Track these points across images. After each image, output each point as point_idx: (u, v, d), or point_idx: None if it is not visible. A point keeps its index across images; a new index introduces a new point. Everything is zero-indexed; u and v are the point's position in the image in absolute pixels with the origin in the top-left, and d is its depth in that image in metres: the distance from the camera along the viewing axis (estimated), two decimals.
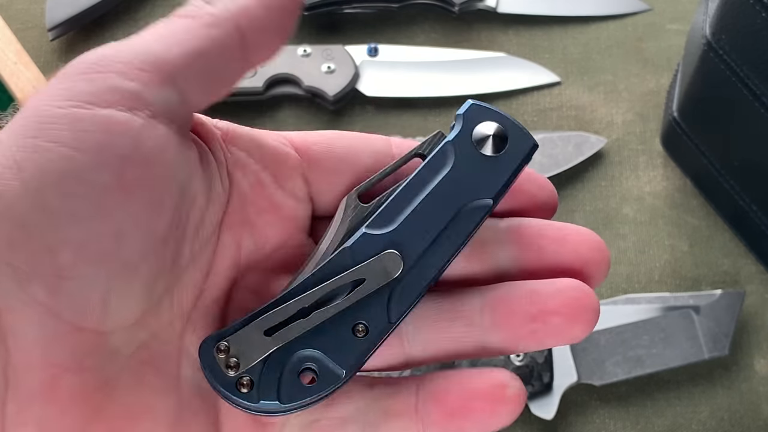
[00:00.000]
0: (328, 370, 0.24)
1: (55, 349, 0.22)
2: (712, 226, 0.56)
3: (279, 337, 0.24)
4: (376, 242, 0.25)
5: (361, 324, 0.25)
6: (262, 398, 0.24)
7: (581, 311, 0.25)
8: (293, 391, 0.24)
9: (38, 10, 0.61)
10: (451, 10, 0.61)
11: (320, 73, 0.58)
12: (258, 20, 0.24)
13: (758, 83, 0.45)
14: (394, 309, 0.25)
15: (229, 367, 0.24)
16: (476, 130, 0.27)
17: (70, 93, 0.22)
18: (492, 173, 0.26)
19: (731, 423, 0.51)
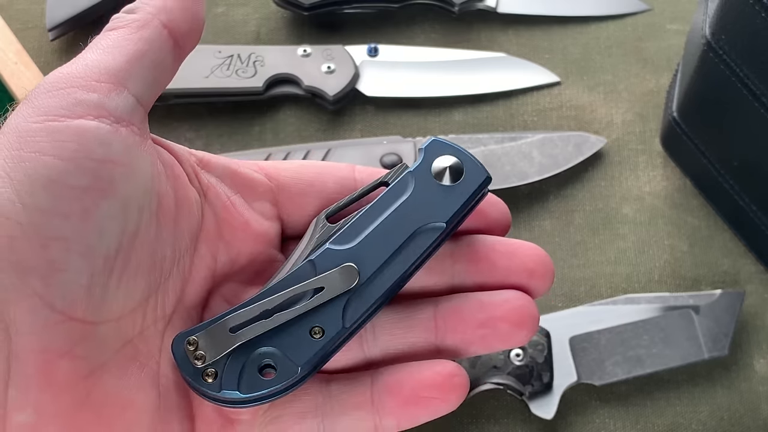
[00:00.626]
0: (286, 366, 0.27)
1: (50, 337, 0.24)
2: (711, 226, 0.56)
3: (242, 334, 0.27)
4: (337, 257, 0.28)
5: (318, 327, 0.28)
6: (224, 388, 0.27)
7: (525, 318, 0.29)
8: (253, 382, 0.27)
9: (38, 10, 0.61)
10: (451, 10, 0.61)
11: (320, 73, 0.58)
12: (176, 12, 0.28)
13: (758, 83, 0.45)
14: (349, 316, 0.28)
15: (196, 359, 0.27)
16: (435, 162, 0.30)
17: (43, 109, 0.25)
18: (447, 200, 0.29)
19: (731, 423, 0.51)
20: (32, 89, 0.26)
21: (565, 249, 0.55)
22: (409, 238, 0.29)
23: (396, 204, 0.29)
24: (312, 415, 0.28)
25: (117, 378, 0.26)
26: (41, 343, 0.24)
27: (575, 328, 0.51)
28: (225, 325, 0.27)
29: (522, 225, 0.56)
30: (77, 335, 0.25)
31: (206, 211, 0.29)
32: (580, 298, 0.54)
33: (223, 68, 0.58)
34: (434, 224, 0.29)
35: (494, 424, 0.50)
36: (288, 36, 0.62)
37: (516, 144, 0.57)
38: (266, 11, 0.63)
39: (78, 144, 0.25)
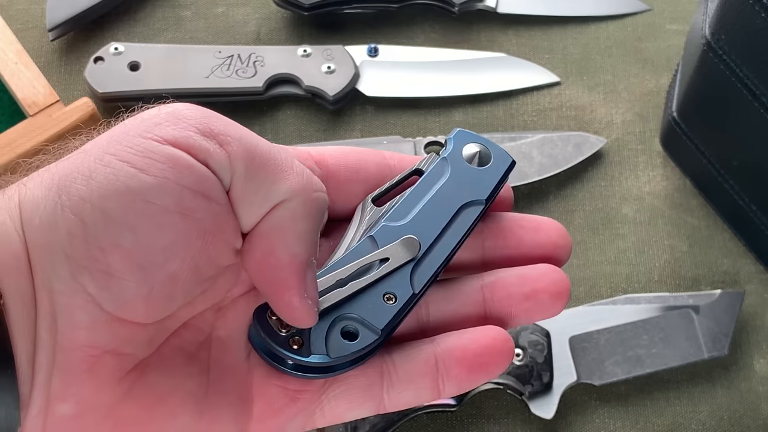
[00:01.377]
0: (367, 330, 0.29)
1: (97, 334, 0.25)
2: (711, 225, 0.56)
3: (323, 301, 0.29)
4: (394, 231, 0.31)
5: (390, 293, 0.30)
6: (314, 352, 0.28)
7: (563, 289, 0.32)
8: (339, 346, 0.28)
9: (38, 10, 0.61)
10: (451, 10, 0.61)
11: (320, 73, 0.58)
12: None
13: (758, 83, 0.45)
14: (416, 282, 0.30)
15: (282, 328, 0.28)
16: (465, 149, 0.33)
17: (156, 130, 0.26)
18: (482, 180, 0.33)
19: (731, 423, 0.51)
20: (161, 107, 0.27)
21: None
22: (456, 213, 0.32)
23: (438, 185, 0.32)
24: (378, 386, 0.29)
25: (161, 369, 0.27)
26: (88, 339, 0.24)
27: (575, 328, 0.51)
28: None
29: None
30: (125, 335, 0.25)
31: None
32: (580, 298, 0.54)
33: (223, 68, 0.58)
34: (476, 200, 0.32)
35: (494, 424, 0.50)
36: (288, 36, 0.62)
37: (516, 144, 0.57)
38: (266, 11, 0.63)
39: (169, 167, 0.25)
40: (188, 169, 0.25)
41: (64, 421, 0.25)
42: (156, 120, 0.26)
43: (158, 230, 0.25)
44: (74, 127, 0.51)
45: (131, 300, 0.25)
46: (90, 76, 0.57)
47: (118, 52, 0.57)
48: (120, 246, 0.24)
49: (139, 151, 0.25)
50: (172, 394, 0.27)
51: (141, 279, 0.25)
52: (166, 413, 0.26)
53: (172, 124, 0.26)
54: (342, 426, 0.47)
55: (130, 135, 0.26)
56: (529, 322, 0.32)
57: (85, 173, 0.25)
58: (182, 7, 0.63)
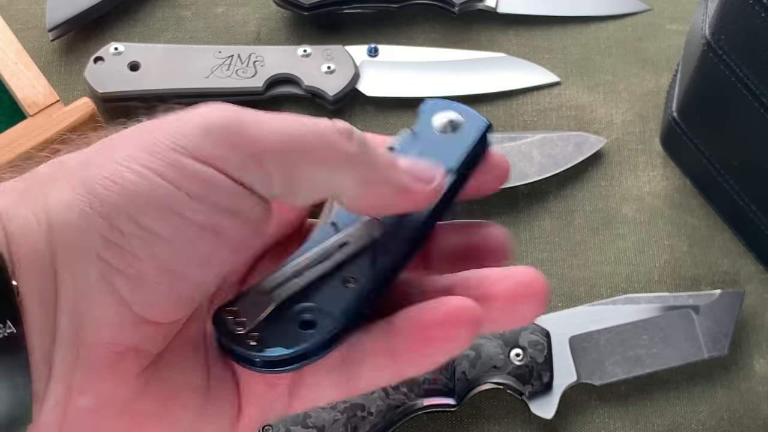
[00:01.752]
0: (325, 318, 0.27)
1: (122, 333, 0.25)
2: (711, 226, 0.56)
3: (277, 295, 0.28)
4: (355, 216, 0.29)
5: (351, 278, 0.28)
6: (269, 347, 0.27)
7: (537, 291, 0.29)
8: (295, 338, 0.27)
9: (38, 10, 0.61)
10: (451, 10, 0.61)
11: (320, 73, 0.58)
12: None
13: (758, 83, 0.45)
14: (379, 263, 0.28)
15: (237, 325, 0.27)
16: (434, 119, 0.31)
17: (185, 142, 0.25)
18: (453, 149, 0.31)
19: (731, 423, 0.51)
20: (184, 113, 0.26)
21: (565, 249, 0.55)
22: None
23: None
24: (338, 369, 0.29)
25: (174, 364, 0.27)
26: (112, 337, 0.25)
27: (575, 328, 0.51)
28: (261, 289, 0.28)
29: (522, 225, 0.56)
30: (148, 334, 0.26)
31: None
32: (580, 298, 0.54)
33: (223, 68, 0.58)
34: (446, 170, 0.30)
35: (494, 424, 0.50)
36: (288, 36, 0.62)
37: (516, 144, 0.57)
38: (266, 11, 0.63)
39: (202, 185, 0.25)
40: (222, 190, 0.25)
41: (83, 415, 0.25)
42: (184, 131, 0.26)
43: (193, 246, 0.25)
44: (74, 127, 0.51)
45: (161, 303, 0.25)
46: (90, 76, 0.57)
47: (118, 52, 0.57)
48: (155, 257, 0.25)
49: (173, 166, 0.25)
50: (183, 388, 0.27)
51: (172, 284, 0.25)
52: (179, 407, 0.27)
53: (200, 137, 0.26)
54: (342, 426, 0.47)
55: (159, 146, 0.25)
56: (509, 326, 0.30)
57: (117, 180, 0.25)
58: (182, 7, 0.63)
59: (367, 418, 0.47)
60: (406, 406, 0.47)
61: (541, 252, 0.55)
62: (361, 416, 0.47)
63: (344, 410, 0.47)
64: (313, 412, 0.47)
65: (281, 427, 0.47)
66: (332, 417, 0.47)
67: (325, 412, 0.47)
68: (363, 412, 0.47)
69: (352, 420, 0.47)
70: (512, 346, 0.49)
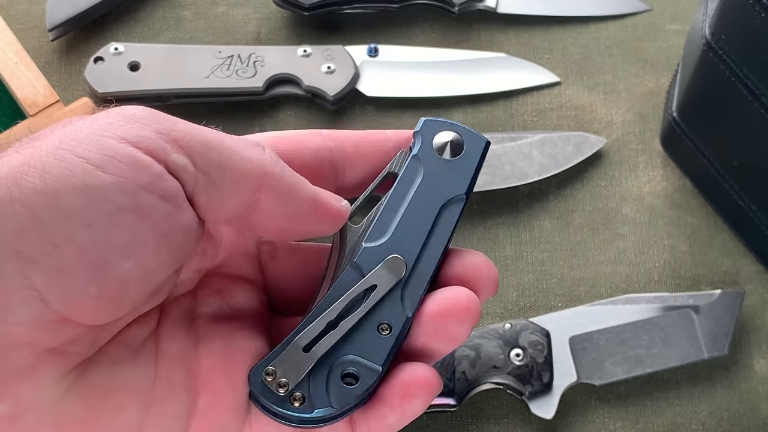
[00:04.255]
0: (366, 369, 0.28)
1: (40, 332, 0.24)
2: (711, 226, 0.56)
3: (317, 350, 0.28)
4: (377, 252, 0.29)
5: (384, 323, 0.28)
6: (316, 407, 0.27)
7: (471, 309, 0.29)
8: (341, 394, 0.27)
9: (38, 10, 0.61)
10: (451, 10, 0.61)
11: (320, 73, 0.58)
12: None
13: (758, 83, 0.45)
14: (408, 304, 0.29)
15: (280, 387, 0.27)
16: (435, 140, 0.31)
17: (112, 128, 0.25)
18: (459, 173, 0.31)
19: (731, 423, 0.51)
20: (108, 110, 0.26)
21: (565, 249, 0.55)
22: (438, 215, 0.30)
23: (413, 189, 0.30)
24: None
25: (104, 365, 0.26)
26: (29, 336, 0.24)
27: (575, 328, 0.51)
28: (297, 346, 0.28)
29: (522, 225, 0.56)
30: (70, 334, 0.25)
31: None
32: (580, 298, 0.54)
33: (223, 68, 0.58)
34: (456, 196, 0.30)
35: (494, 424, 0.50)
36: (288, 36, 0.62)
37: (516, 144, 0.57)
38: (266, 11, 0.63)
39: (126, 166, 0.25)
40: (146, 170, 0.25)
41: (3, 422, 0.24)
42: (108, 120, 0.26)
43: (114, 229, 0.24)
44: None
45: (80, 298, 0.24)
46: (90, 76, 0.57)
47: (118, 52, 0.57)
48: (74, 242, 0.24)
49: (96, 148, 0.25)
50: (118, 389, 0.26)
51: (92, 277, 0.24)
52: (111, 409, 0.26)
53: (125, 123, 0.26)
54: None
55: (84, 132, 0.25)
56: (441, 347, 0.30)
57: (38, 167, 0.24)
58: (182, 7, 0.63)
59: None
60: None
61: (541, 252, 0.55)
62: None
63: None
64: None
65: None
66: None
67: None
68: None
69: None
70: (512, 346, 0.49)
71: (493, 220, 0.56)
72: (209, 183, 0.26)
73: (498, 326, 0.49)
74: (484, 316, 0.53)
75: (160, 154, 0.25)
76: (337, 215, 0.29)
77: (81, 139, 0.25)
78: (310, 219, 0.29)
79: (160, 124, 0.26)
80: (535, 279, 0.54)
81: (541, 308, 0.53)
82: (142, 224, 0.25)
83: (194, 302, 0.30)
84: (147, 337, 0.28)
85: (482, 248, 0.55)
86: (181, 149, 0.26)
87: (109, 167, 0.24)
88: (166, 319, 0.29)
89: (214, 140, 0.27)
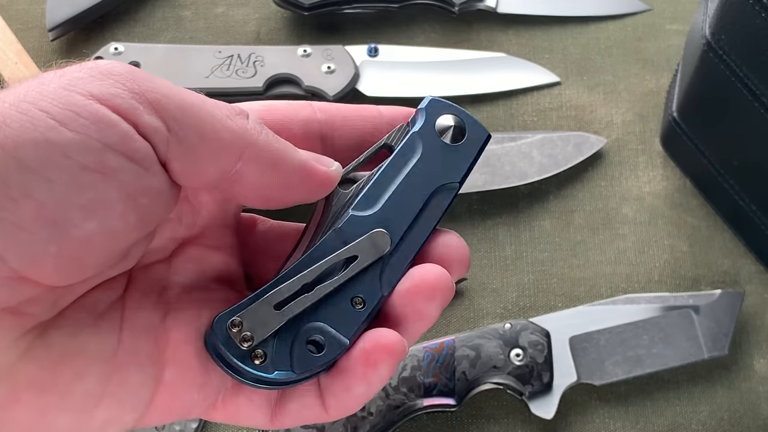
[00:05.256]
0: (334, 340, 0.27)
1: None
2: (711, 226, 0.56)
3: (288, 310, 0.27)
4: (363, 223, 0.28)
5: (359, 297, 0.28)
6: (277, 369, 0.26)
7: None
8: (304, 361, 0.27)
9: (38, 10, 0.61)
10: (451, 10, 0.61)
11: (320, 73, 0.58)
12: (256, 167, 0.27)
13: (758, 83, 0.45)
14: (385, 282, 0.28)
15: (244, 341, 0.26)
16: (438, 122, 0.30)
17: (81, 83, 0.24)
18: (456, 160, 0.30)
19: (731, 423, 0.51)
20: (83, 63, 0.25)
21: (565, 249, 0.55)
22: (429, 198, 0.29)
23: (409, 166, 0.29)
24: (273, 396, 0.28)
25: (64, 329, 0.25)
26: None
27: (575, 328, 0.51)
28: (268, 302, 0.27)
29: (522, 225, 0.56)
30: (28, 294, 0.24)
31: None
32: (580, 298, 0.54)
33: (223, 68, 0.58)
34: (450, 184, 0.29)
35: (494, 424, 0.50)
36: (288, 36, 0.62)
37: (516, 144, 0.57)
38: (266, 11, 0.63)
39: (92, 123, 0.24)
40: (113, 128, 0.24)
41: None
42: (79, 74, 0.24)
43: (76, 187, 0.23)
44: None
45: (39, 257, 0.23)
46: None
47: (118, 52, 0.57)
48: (33, 198, 0.23)
49: (61, 103, 0.23)
50: (78, 354, 0.25)
51: (51, 236, 0.23)
52: (70, 374, 0.25)
53: (97, 79, 0.24)
54: (342, 426, 0.47)
55: (51, 86, 0.24)
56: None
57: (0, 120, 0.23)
58: (182, 7, 0.63)
59: (367, 418, 0.47)
60: (406, 406, 0.47)
61: (541, 252, 0.55)
62: (361, 416, 0.47)
63: None
64: None
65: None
66: None
67: None
68: (363, 412, 0.47)
69: (352, 420, 0.47)
70: (512, 346, 0.49)
71: (493, 220, 0.56)
72: (185, 149, 0.25)
73: (498, 326, 0.49)
74: (484, 316, 0.53)
75: (130, 113, 0.24)
76: (327, 183, 0.28)
77: (47, 93, 0.24)
78: (299, 188, 0.28)
79: (136, 82, 0.25)
80: (535, 279, 0.54)
81: (541, 308, 0.53)
82: (106, 184, 0.24)
83: (168, 271, 0.29)
84: (112, 303, 0.27)
85: (482, 248, 0.55)
86: (155, 111, 0.25)
87: (73, 124, 0.23)
88: (134, 285, 0.28)
89: (193, 105, 0.26)
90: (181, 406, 0.27)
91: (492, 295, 0.54)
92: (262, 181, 0.27)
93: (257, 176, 0.27)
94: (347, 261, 0.28)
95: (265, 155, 0.27)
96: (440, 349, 0.48)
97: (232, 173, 0.26)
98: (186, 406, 0.27)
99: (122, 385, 0.26)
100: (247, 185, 0.27)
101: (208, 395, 0.27)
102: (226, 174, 0.26)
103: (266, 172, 0.27)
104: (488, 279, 0.54)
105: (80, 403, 0.25)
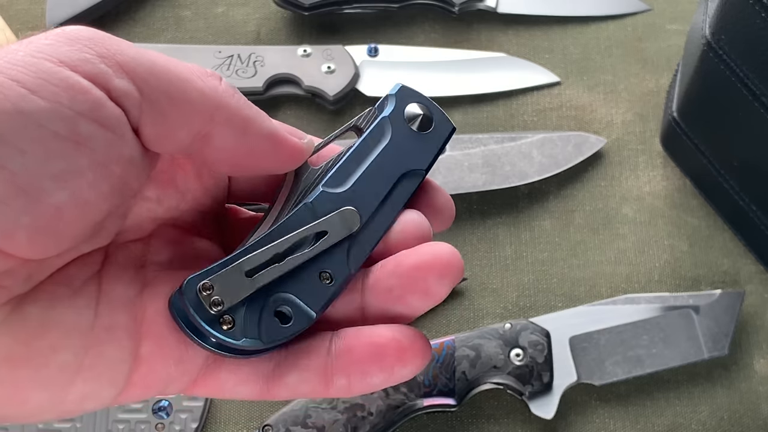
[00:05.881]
0: (301, 312, 0.27)
1: None
2: (711, 226, 0.56)
3: (259, 278, 0.27)
4: (333, 199, 0.29)
5: (327, 272, 0.28)
6: (245, 336, 0.26)
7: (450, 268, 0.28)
8: (272, 330, 0.27)
9: (38, 10, 0.61)
10: (451, 10, 0.61)
11: (320, 73, 0.58)
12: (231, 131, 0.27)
13: (758, 83, 0.45)
14: (353, 260, 0.28)
15: (213, 305, 0.26)
16: (407, 109, 0.31)
17: (50, 49, 0.24)
18: (423, 148, 0.31)
19: (731, 423, 0.51)
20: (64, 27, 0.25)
21: (565, 249, 0.55)
22: (396, 182, 0.30)
23: (378, 148, 0.30)
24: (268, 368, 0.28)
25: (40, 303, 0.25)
26: None
27: (575, 328, 0.51)
28: (240, 269, 0.27)
29: (522, 225, 0.56)
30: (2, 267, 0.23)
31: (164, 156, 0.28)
32: (580, 298, 0.54)
33: (223, 68, 0.58)
34: (416, 170, 0.30)
35: (494, 424, 0.50)
36: (288, 36, 0.62)
37: (516, 144, 0.57)
38: (266, 11, 0.63)
39: (63, 91, 0.23)
40: (84, 95, 0.23)
41: None
42: (46, 41, 0.24)
43: (48, 157, 0.23)
44: None
45: (12, 228, 0.23)
46: None
47: None
48: (6, 168, 0.22)
49: (31, 71, 0.23)
50: (53, 327, 0.25)
51: (24, 206, 0.23)
52: (46, 347, 0.25)
53: (65, 45, 0.24)
54: (342, 426, 0.47)
55: (18, 54, 0.23)
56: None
57: None
58: (182, 7, 0.63)
59: (367, 418, 0.47)
60: (406, 406, 0.47)
61: (541, 252, 0.55)
62: (361, 416, 0.47)
63: (344, 410, 0.47)
64: (313, 413, 0.47)
65: (281, 427, 0.47)
66: (332, 417, 0.47)
67: (325, 412, 0.47)
68: (363, 412, 0.47)
69: (352, 420, 0.47)
70: (512, 346, 0.49)
71: (493, 220, 0.56)
72: (156, 112, 0.25)
73: (498, 326, 0.49)
74: (484, 316, 0.53)
75: (101, 78, 0.24)
76: (298, 153, 0.29)
77: (16, 61, 0.23)
78: (268, 155, 0.28)
79: (105, 46, 0.25)
80: (535, 279, 0.54)
81: (541, 308, 0.53)
82: (78, 152, 0.23)
83: (146, 250, 0.29)
84: (89, 278, 0.26)
85: (482, 248, 0.55)
86: (126, 74, 0.24)
87: (44, 92, 0.23)
88: (111, 261, 0.27)
89: (164, 67, 0.26)
90: (158, 381, 0.27)
91: (492, 295, 0.54)
92: (231, 144, 0.27)
93: (227, 139, 0.26)
94: (317, 236, 0.28)
95: (236, 119, 0.27)
96: (440, 349, 0.48)
97: (202, 135, 0.26)
98: (164, 380, 0.27)
99: (99, 358, 0.25)
100: (217, 148, 0.27)
101: (187, 370, 0.27)
102: (197, 136, 0.26)
103: (236, 135, 0.27)
104: (488, 279, 0.54)
105: (56, 378, 0.25)
